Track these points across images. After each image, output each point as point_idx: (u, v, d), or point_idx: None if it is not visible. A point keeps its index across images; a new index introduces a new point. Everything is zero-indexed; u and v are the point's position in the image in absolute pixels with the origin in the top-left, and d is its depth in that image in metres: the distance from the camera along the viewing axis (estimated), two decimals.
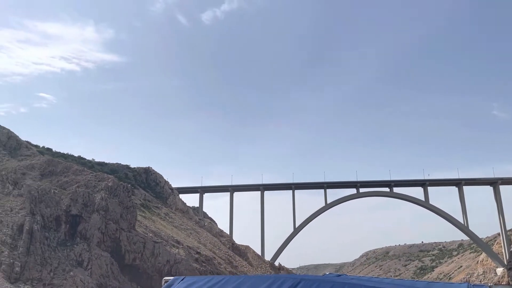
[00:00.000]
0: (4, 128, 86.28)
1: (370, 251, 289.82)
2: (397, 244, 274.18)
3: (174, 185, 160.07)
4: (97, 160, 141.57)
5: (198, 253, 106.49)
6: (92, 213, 67.10)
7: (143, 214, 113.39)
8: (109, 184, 73.77)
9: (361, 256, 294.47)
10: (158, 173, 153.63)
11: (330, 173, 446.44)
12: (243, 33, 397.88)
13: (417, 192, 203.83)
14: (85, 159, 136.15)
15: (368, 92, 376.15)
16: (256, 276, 4.20)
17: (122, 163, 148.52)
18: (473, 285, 7.04)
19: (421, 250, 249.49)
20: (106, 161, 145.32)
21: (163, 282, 4.76)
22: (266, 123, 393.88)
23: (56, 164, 77.07)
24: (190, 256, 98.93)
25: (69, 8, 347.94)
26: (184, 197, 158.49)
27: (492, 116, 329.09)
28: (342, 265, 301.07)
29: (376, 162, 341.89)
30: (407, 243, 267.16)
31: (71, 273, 57.81)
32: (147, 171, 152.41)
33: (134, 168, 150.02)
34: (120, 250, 68.45)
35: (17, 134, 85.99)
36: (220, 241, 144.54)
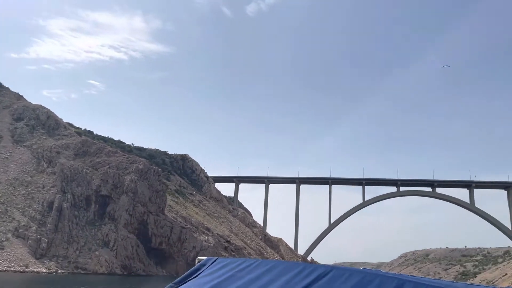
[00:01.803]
0: (44, 107, 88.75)
1: (409, 252, 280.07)
2: (438, 247, 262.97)
3: (210, 174, 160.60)
4: (136, 145, 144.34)
5: (228, 241, 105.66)
6: (121, 194, 67.44)
7: (176, 200, 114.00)
8: (140, 167, 73.63)
9: (400, 257, 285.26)
10: (195, 161, 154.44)
11: (369, 170, 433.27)
12: (288, 26, 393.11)
13: (461, 194, 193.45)
14: (125, 143, 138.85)
15: (417, 92, 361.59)
16: (288, 262, 4.28)
17: (160, 149, 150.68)
18: None
19: (464, 254, 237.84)
20: (145, 147, 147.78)
21: (196, 262, 5.00)
22: (305, 118, 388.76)
23: (90, 144, 78.13)
24: (219, 244, 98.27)
25: None
26: (219, 186, 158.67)
27: None
28: (379, 265, 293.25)
29: (419, 161, 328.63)
30: (449, 247, 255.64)
31: (97, 252, 58.21)
32: (184, 158, 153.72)
33: (172, 154, 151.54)
34: (147, 233, 68.39)
35: (56, 115, 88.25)
36: (253, 232, 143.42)
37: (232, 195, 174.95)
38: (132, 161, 76.65)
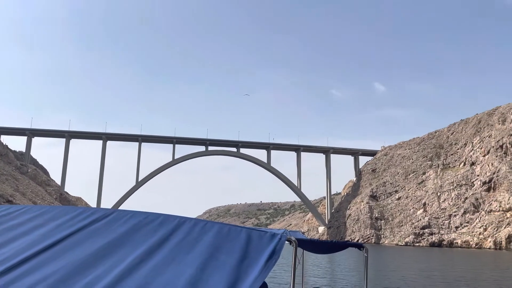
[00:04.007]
0: None
1: (213, 208, 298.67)
2: (239, 203, 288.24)
3: None
4: None
5: (9, 201, 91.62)
6: None
7: None
8: None
9: (204, 213, 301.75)
10: None
11: (181, 130, 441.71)
12: None
13: (261, 154, 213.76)
14: None
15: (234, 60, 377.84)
16: (65, 206, 3.97)
17: None
18: (289, 231, 9.29)
19: (259, 208, 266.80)
20: None
21: None
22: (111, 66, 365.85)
23: None
24: None
25: None
26: (8, 139, 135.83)
27: (331, 94, 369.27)
28: None
29: (226, 123, 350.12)
30: (247, 202, 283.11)
31: None
32: None
33: None
34: None
35: None
36: (46, 191, 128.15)
37: (31, 150, 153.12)
38: None
